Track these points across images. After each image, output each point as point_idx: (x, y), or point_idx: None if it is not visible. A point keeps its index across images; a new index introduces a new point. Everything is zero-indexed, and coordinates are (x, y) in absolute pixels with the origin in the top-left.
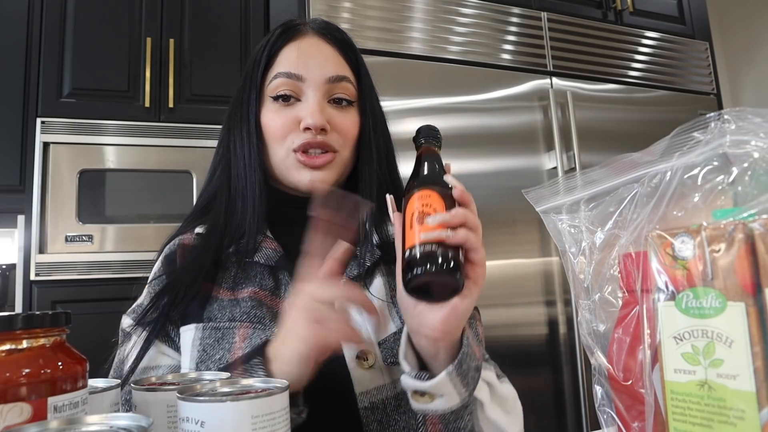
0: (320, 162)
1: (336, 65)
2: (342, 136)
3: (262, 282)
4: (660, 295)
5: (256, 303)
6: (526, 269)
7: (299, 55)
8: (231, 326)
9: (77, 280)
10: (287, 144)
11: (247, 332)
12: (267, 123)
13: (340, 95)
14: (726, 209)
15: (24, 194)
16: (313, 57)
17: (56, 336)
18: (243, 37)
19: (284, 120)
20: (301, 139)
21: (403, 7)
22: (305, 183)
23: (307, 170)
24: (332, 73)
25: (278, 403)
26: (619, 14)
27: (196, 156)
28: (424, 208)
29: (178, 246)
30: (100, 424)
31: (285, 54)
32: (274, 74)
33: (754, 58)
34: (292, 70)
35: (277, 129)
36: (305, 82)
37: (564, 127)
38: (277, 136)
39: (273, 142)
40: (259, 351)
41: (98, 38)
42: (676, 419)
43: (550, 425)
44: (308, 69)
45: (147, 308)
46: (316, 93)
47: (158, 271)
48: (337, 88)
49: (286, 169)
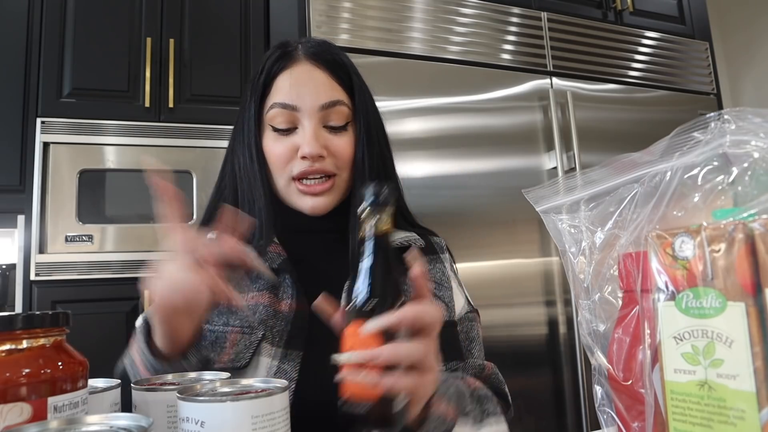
0: (319, 189)
1: (328, 91)
2: (339, 158)
3: (261, 284)
4: (660, 295)
5: (251, 310)
6: (526, 269)
7: (292, 84)
8: (224, 330)
9: (77, 280)
10: (287, 172)
11: (236, 338)
12: (268, 151)
13: (334, 122)
14: (726, 209)
15: (24, 194)
16: (304, 86)
17: (56, 336)
18: (243, 37)
19: (283, 149)
20: (299, 166)
21: (403, 7)
22: (307, 209)
23: (308, 197)
24: (325, 99)
25: (278, 403)
26: (619, 14)
27: (196, 156)
28: (351, 347)
29: None
30: (100, 424)
31: (279, 83)
32: (271, 104)
33: (754, 58)
34: (287, 100)
35: (278, 157)
36: (300, 111)
37: (564, 127)
38: (278, 165)
39: (275, 170)
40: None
41: (98, 38)
42: (676, 419)
43: (550, 425)
44: (301, 98)
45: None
46: (311, 121)
47: None
48: (332, 114)
49: (288, 195)
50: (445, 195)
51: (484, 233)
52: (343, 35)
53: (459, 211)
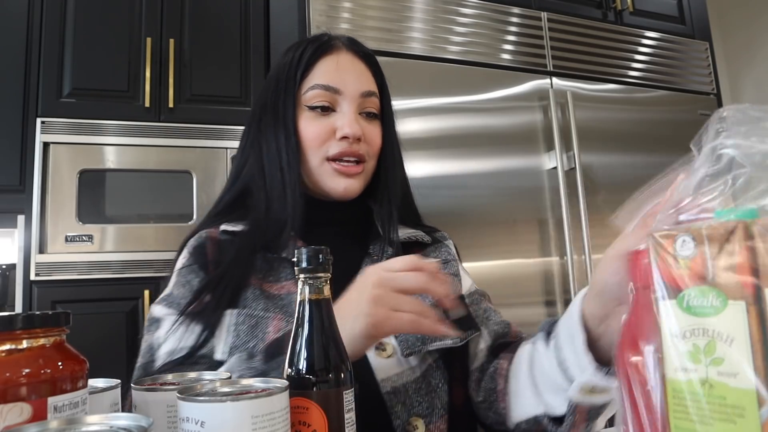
0: (354, 171)
1: (368, 81)
2: (371, 146)
3: (288, 277)
4: (662, 293)
5: (287, 299)
6: (526, 269)
7: (337, 69)
8: (265, 316)
9: (77, 280)
10: (322, 152)
11: (280, 324)
12: (304, 130)
13: (370, 109)
14: (726, 209)
15: (24, 194)
16: (349, 72)
17: (56, 336)
18: (243, 37)
19: (321, 128)
20: (337, 147)
21: (403, 7)
22: (340, 190)
23: (342, 178)
24: (365, 88)
25: (278, 403)
26: (619, 14)
27: (196, 156)
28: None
29: (207, 239)
30: (100, 424)
31: (322, 67)
32: (311, 85)
33: (754, 58)
34: (330, 83)
35: (315, 137)
36: (342, 94)
37: (564, 127)
38: (314, 144)
39: (309, 149)
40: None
41: (98, 38)
42: (677, 417)
43: None
44: (345, 83)
45: (199, 300)
46: (351, 105)
47: (187, 261)
48: (368, 102)
49: (320, 176)
50: (445, 195)
51: (484, 233)
52: None
53: (459, 211)
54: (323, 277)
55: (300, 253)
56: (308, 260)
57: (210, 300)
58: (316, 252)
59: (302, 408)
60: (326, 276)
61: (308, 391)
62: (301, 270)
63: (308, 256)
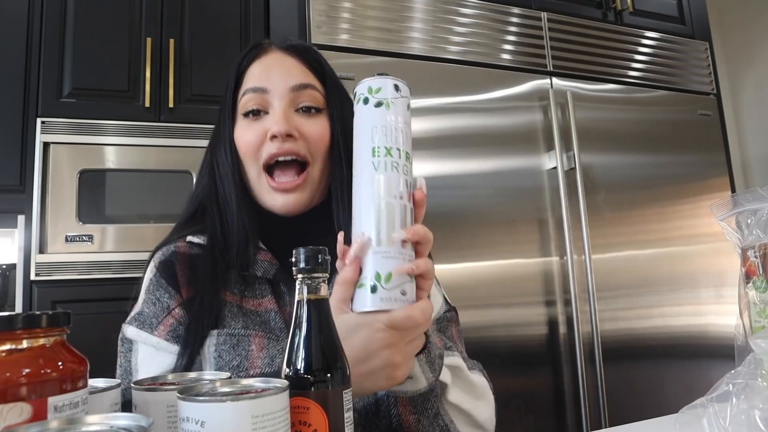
0: (291, 186)
1: (299, 74)
2: (311, 142)
3: (264, 294)
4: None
5: (265, 316)
6: (526, 269)
7: (262, 69)
8: (246, 334)
9: (77, 280)
10: (259, 159)
11: (262, 342)
12: (239, 139)
13: (306, 103)
14: None
15: (24, 194)
16: (275, 69)
17: (56, 336)
18: (243, 37)
19: (254, 134)
20: (269, 149)
21: (403, 7)
22: (278, 207)
23: (278, 194)
24: (295, 81)
25: (278, 403)
26: (619, 14)
27: (196, 156)
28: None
29: (174, 254)
30: (100, 424)
31: (251, 71)
32: (243, 92)
33: (754, 58)
34: (257, 84)
35: (249, 143)
36: (270, 93)
37: (564, 127)
38: (249, 151)
39: (246, 158)
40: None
41: (98, 38)
42: None
43: (550, 425)
44: (271, 81)
45: (184, 325)
46: (281, 102)
47: (155, 276)
48: (303, 96)
49: (259, 191)
50: (445, 195)
51: (484, 233)
52: (343, 35)
53: (459, 211)
54: (321, 277)
55: (298, 253)
56: (306, 260)
57: (191, 323)
58: (315, 252)
59: (302, 408)
60: (324, 276)
61: (308, 391)
62: (299, 270)
63: (306, 256)
